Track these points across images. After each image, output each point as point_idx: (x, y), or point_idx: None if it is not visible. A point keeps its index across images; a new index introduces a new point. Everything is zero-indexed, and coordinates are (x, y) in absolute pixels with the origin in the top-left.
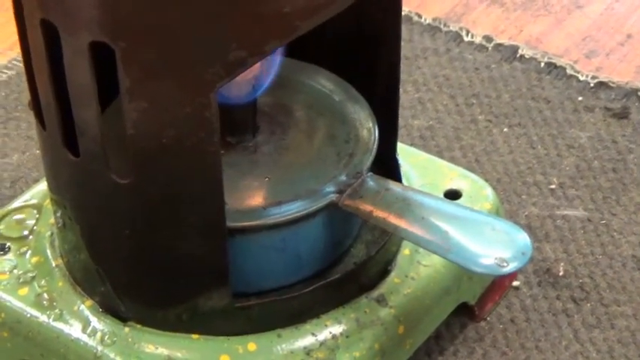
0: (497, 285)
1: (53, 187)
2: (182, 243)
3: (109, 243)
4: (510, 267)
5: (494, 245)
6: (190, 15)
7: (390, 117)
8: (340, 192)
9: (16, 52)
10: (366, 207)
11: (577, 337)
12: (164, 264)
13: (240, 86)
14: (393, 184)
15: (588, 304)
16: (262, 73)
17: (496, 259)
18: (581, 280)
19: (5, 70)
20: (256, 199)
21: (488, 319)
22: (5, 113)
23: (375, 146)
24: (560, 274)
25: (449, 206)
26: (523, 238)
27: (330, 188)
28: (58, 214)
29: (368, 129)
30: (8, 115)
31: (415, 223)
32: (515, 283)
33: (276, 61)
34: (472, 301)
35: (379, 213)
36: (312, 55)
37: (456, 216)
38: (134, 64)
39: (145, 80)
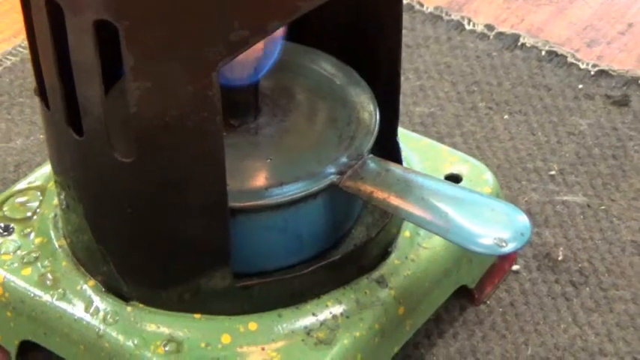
0: (497, 269)
1: (57, 168)
2: (184, 223)
3: (111, 223)
4: (509, 247)
5: (494, 226)
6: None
7: (391, 101)
8: (341, 173)
9: (20, 39)
10: (367, 188)
11: (576, 321)
12: (166, 244)
13: (243, 68)
14: (393, 166)
15: (587, 288)
16: (264, 55)
17: (495, 239)
18: (580, 265)
19: (9, 57)
20: (258, 180)
21: (487, 302)
22: (9, 99)
23: (376, 128)
24: (560, 258)
25: (449, 188)
26: (522, 219)
27: (331, 169)
28: (62, 196)
29: (369, 112)
30: (12, 100)
31: (415, 204)
32: (515, 267)
33: (277, 44)
34: (472, 285)
35: (379, 194)
36: (315, 40)
37: (455, 197)
38: (137, 42)
39: (148, 59)
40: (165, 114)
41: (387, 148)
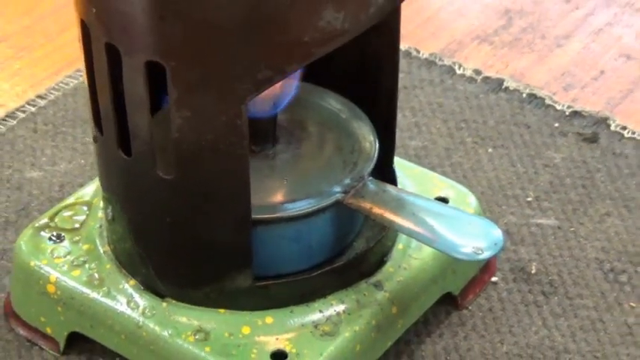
0: (478, 280)
1: (105, 186)
2: (214, 231)
3: (152, 231)
4: (485, 254)
5: (472, 237)
6: (228, 41)
7: (389, 133)
8: (345, 192)
9: (62, 76)
10: (367, 205)
11: (545, 324)
12: (198, 249)
13: (264, 103)
14: (389, 187)
15: (555, 297)
16: (282, 93)
17: (473, 247)
18: (550, 278)
19: (53, 92)
20: (275, 197)
21: (469, 308)
22: (53, 128)
23: (376, 156)
24: (533, 272)
25: (435, 205)
26: (496, 232)
27: (337, 189)
28: (109, 209)
29: (370, 142)
30: (56, 129)
31: (407, 219)
32: (494, 279)
33: (293, 84)
34: (456, 292)
35: (377, 210)
36: (324, 80)
37: (441, 213)
38: (181, 79)
39: (189, 93)
40: (201, 139)
41: (385, 173)
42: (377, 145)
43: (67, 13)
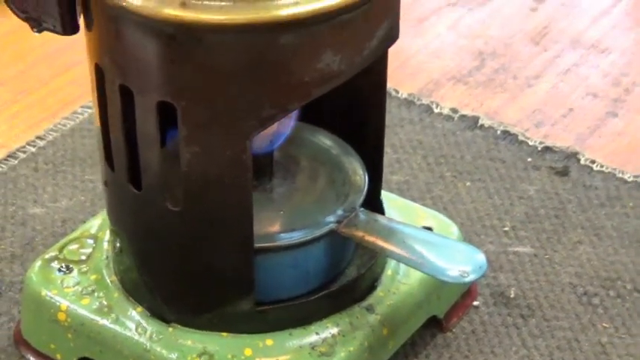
0: (461, 304)
1: (114, 220)
2: (219, 259)
3: (159, 260)
4: (470, 277)
5: (458, 261)
6: (235, 82)
7: (376, 167)
8: (339, 222)
9: (59, 118)
10: (359, 233)
11: (524, 345)
12: (204, 276)
13: (262, 141)
14: (379, 217)
15: (533, 319)
16: (278, 131)
17: (459, 271)
18: (528, 301)
19: (51, 133)
20: (274, 227)
21: (453, 330)
22: (53, 167)
23: (366, 188)
24: (512, 296)
25: (422, 233)
26: (480, 257)
27: (331, 219)
28: (117, 242)
29: (360, 175)
30: (56, 168)
31: (397, 246)
32: (475, 303)
33: (290, 123)
34: (441, 315)
35: (369, 238)
36: (315, 119)
37: (428, 240)
38: (190, 118)
39: (198, 130)
40: (208, 172)
41: (374, 205)
42: (366, 178)
43: (58, 59)
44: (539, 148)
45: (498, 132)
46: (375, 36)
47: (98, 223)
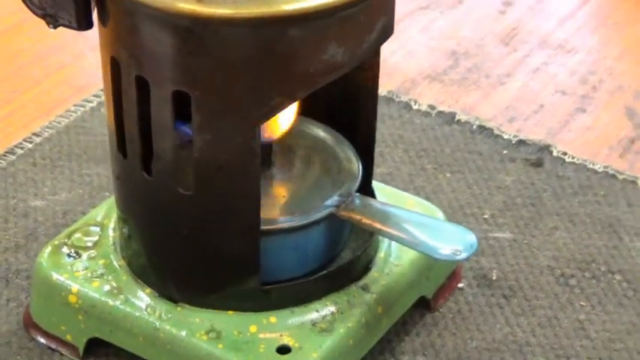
0: (447, 286)
1: (123, 207)
2: (227, 241)
3: (169, 243)
4: (462, 255)
5: (451, 241)
6: (246, 72)
7: (368, 157)
8: (337, 206)
9: (53, 116)
10: (356, 216)
11: (508, 323)
12: (212, 258)
13: (263, 132)
14: (373, 201)
15: (515, 299)
16: (279, 124)
17: (452, 249)
18: (509, 283)
19: (47, 130)
20: (276, 212)
21: (441, 310)
22: (51, 162)
23: (360, 174)
24: (494, 278)
25: (416, 215)
26: (470, 237)
27: (330, 203)
28: (125, 229)
29: (353, 163)
30: (54, 163)
31: (393, 227)
32: (460, 285)
33: (290, 116)
34: (429, 296)
35: (366, 220)
36: (312, 113)
37: (421, 222)
38: (204, 106)
39: (211, 118)
40: (219, 158)
41: (366, 191)
42: (360, 165)
43: (49, 59)
44: (514, 142)
45: (474, 127)
46: (374, 30)
47: (103, 211)
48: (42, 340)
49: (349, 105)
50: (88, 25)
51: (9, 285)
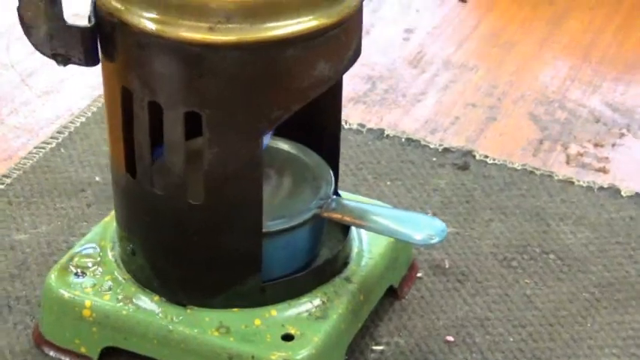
0: (409, 276)
1: (125, 227)
2: (233, 244)
3: (178, 252)
4: (436, 239)
5: (424, 228)
6: (250, 90)
7: (334, 166)
8: (319, 208)
9: (18, 159)
10: (337, 215)
11: (466, 302)
12: (220, 261)
13: None
14: (348, 201)
15: (469, 283)
16: None
17: (427, 234)
18: (461, 269)
19: (14, 171)
20: (266, 217)
21: (406, 297)
22: (25, 199)
23: (333, 180)
24: (447, 267)
25: (389, 209)
26: (440, 223)
27: (312, 206)
28: (129, 247)
29: (327, 172)
30: (28, 200)
31: (372, 221)
32: (419, 274)
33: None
34: (396, 285)
35: (347, 217)
36: (278, 129)
37: (395, 215)
38: (213, 123)
39: (219, 133)
40: (226, 169)
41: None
42: (331, 173)
43: (10, 97)
44: (440, 150)
45: (403, 139)
46: (351, 48)
47: (98, 235)
48: (55, 354)
49: (314, 120)
50: (94, 62)
51: (12, 311)
